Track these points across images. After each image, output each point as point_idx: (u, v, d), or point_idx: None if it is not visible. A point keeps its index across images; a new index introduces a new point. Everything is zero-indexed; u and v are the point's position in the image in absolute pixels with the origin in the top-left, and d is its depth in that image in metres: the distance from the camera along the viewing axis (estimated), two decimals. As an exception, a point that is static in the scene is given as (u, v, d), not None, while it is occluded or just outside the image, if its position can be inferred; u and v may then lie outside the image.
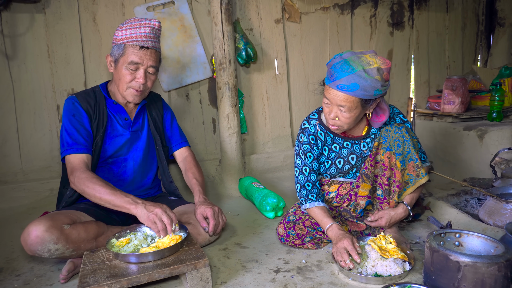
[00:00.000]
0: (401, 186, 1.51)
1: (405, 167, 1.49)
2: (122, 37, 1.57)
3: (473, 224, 1.65)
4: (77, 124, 1.57)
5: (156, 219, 1.36)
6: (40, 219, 1.33)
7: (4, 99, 2.14)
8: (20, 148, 2.20)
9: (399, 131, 1.49)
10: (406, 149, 1.48)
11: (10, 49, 2.11)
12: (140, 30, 1.57)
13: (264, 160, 2.62)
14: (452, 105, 2.61)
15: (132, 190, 1.72)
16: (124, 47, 1.57)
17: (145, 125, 1.78)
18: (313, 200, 1.57)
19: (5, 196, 2.14)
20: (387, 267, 1.30)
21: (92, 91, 1.69)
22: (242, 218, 2.00)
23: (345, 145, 1.63)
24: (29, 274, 1.46)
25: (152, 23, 1.60)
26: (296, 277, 1.35)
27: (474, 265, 1.06)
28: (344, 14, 2.77)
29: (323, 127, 1.63)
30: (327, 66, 1.48)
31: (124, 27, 1.58)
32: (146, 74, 1.62)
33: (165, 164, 1.83)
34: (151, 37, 1.59)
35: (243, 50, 2.37)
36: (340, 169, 1.65)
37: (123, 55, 1.58)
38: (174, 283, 1.34)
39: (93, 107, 1.63)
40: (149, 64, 1.60)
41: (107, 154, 1.67)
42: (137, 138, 1.74)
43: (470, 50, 3.34)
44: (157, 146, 1.81)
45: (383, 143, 1.52)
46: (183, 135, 1.93)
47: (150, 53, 1.59)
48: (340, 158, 1.64)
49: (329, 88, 1.44)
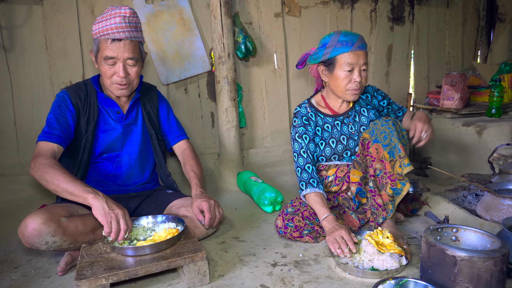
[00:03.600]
0: (393, 178, 1.52)
1: (393, 158, 1.51)
2: (96, 32, 1.52)
3: (471, 219, 1.66)
4: (60, 115, 1.54)
5: (113, 220, 1.26)
6: (37, 212, 1.33)
7: (1, 92, 2.13)
8: (18, 140, 2.19)
9: (386, 123, 1.56)
10: (392, 140, 1.52)
11: (8, 41, 2.10)
12: (110, 21, 1.48)
13: (262, 154, 2.62)
14: (451, 101, 2.61)
15: (129, 185, 1.72)
16: (98, 42, 1.52)
17: (139, 119, 1.74)
18: (314, 186, 1.60)
19: (3, 188, 2.14)
20: (384, 261, 1.31)
21: (83, 84, 1.65)
22: (240, 212, 2.00)
23: (336, 125, 1.73)
24: (27, 266, 1.46)
25: (122, 12, 1.50)
26: (293, 270, 1.35)
27: (470, 259, 1.06)
28: (344, 9, 2.76)
29: (313, 109, 1.76)
30: (329, 42, 1.61)
31: (98, 19, 1.52)
32: (126, 67, 1.55)
33: (162, 158, 1.80)
34: (123, 27, 1.49)
35: (242, 44, 2.35)
36: (334, 149, 1.71)
37: (99, 51, 1.54)
38: (172, 276, 1.34)
39: (83, 101, 1.60)
40: (125, 56, 1.52)
41: (100, 149, 1.64)
42: (131, 132, 1.71)
43: (470, 45, 3.32)
44: (152, 140, 1.77)
45: (371, 135, 1.59)
46: (181, 128, 1.90)
47: (124, 45, 1.51)
48: (333, 138, 1.72)
49: (352, 52, 1.57)
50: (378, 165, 1.57)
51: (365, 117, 1.73)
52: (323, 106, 1.78)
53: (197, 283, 1.27)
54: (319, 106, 1.78)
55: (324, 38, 1.66)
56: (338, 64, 1.60)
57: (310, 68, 1.80)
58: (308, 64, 1.78)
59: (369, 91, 1.80)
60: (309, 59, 1.75)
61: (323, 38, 1.67)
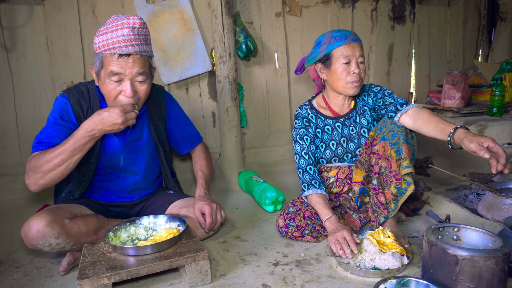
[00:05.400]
0: (398, 177, 1.52)
1: (400, 157, 1.51)
2: (99, 45, 1.35)
3: (472, 218, 1.66)
4: (61, 127, 1.40)
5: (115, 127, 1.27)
6: (41, 214, 1.32)
7: (3, 92, 2.13)
8: (20, 140, 2.20)
9: (395, 123, 1.56)
10: (399, 140, 1.51)
11: (9, 41, 2.10)
12: (117, 33, 1.31)
13: (264, 154, 2.62)
14: (453, 100, 2.60)
15: (133, 196, 1.66)
16: (102, 57, 1.35)
17: (144, 133, 1.60)
18: (316, 187, 1.60)
19: (4, 188, 2.15)
20: (385, 260, 1.31)
21: (86, 90, 1.49)
22: (242, 211, 2.00)
23: (337, 127, 1.73)
24: (29, 266, 1.47)
25: (131, 22, 1.33)
26: (294, 270, 1.36)
27: (472, 259, 1.06)
28: (345, 8, 2.75)
29: (314, 111, 1.76)
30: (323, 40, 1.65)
31: (101, 31, 1.35)
32: (134, 85, 1.38)
33: (168, 170, 1.72)
34: (132, 40, 1.33)
35: (243, 44, 2.35)
36: (334, 151, 1.71)
37: (102, 67, 1.36)
38: (173, 276, 1.35)
39: (86, 112, 1.46)
40: (135, 71, 1.35)
41: (102, 164, 1.53)
42: (135, 148, 1.58)
43: (471, 44, 3.32)
44: (159, 154, 1.66)
45: (379, 133, 1.58)
46: (194, 132, 1.81)
47: (132, 61, 1.34)
48: (333, 140, 1.71)
49: (346, 45, 1.60)
50: (383, 163, 1.56)
51: (365, 118, 1.73)
52: (324, 107, 1.78)
53: (199, 283, 1.27)
54: (320, 107, 1.78)
55: (318, 38, 1.70)
56: (334, 58, 1.62)
57: (308, 71, 1.80)
58: (306, 66, 1.79)
59: (365, 89, 1.78)
60: (306, 61, 1.76)
61: (317, 39, 1.71)
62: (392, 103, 1.63)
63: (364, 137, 1.70)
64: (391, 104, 1.63)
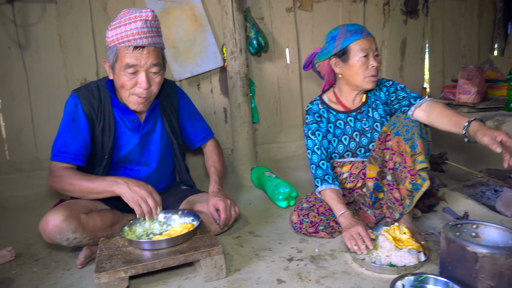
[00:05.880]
0: (413, 172, 1.49)
1: (415, 152, 1.48)
2: (113, 38, 1.38)
3: (490, 215, 1.63)
4: (74, 130, 1.45)
5: (141, 201, 1.33)
6: (58, 209, 1.34)
7: (18, 89, 2.16)
8: (35, 137, 2.23)
9: (409, 117, 1.53)
10: (414, 135, 1.48)
11: (23, 39, 2.13)
12: (131, 26, 1.35)
13: (276, 149, 2.61)
14: (468, 95, 2.55)
15: None
16: (117, 50, 1.39)
17: (157, 126, 1.63)
18: (329, 183, 1.59)
19: (21, 184, 2.18)
20: (402, 257, 1.29)
21: (96, 88, 1.51)
22: (255, 207, 2.00)
23: (349, 121, 1.71)
24: (47, 259, 1.50)
25: (144, 15, 1.37)
26: (309, 265, 1.35)
27: (492, 256, 1.04)
28: (356, 2, 2.72)
29: (325, 106, 1.76)
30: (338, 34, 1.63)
31: (113, 25, 1.38)
32: (149, 76, 1.43)
33: (182, 162, 1.75)
34: (146, 32, 1.36)
35: (254, 39, 2.34)
36: (346, 146, 1.70)
37: (117, 60, 1.40)
38: (188, 270, 1.35)
39: (97, 110, 1.48)
40: (150, 62, 1.39)
41: (116, 159, 1.56)
42: (149, 141, 1.61)
43: (487, 38, 3.24)
44: (173, 147, 1.69)
45: (392, 128, 1.55)
46: (205, 127, 1.83)
47: (147, 52, 1.38)
48: (345, 135, 1.70)
49: (363, 39, 1.60)
50: (398, 159, 1.54)
51: (378, 113, 1.70)
52: (335, 102, 1.76)
53: (214, 277, 1.27)
54: (331, 102, 1.77)
55: (330, 33, 1.67)
56: (352, 52, 1.60)
57: (320, 66, 1.77)
58: (317, 61, 1.76)
59: (377, 84, 1.73)
60: (319, 56, 1.73)
61: (328, 33, 1.68)
62: (406, 97, 1.60)
63: (377, 132, 1.68)
64: (404, 98, 1.60)
